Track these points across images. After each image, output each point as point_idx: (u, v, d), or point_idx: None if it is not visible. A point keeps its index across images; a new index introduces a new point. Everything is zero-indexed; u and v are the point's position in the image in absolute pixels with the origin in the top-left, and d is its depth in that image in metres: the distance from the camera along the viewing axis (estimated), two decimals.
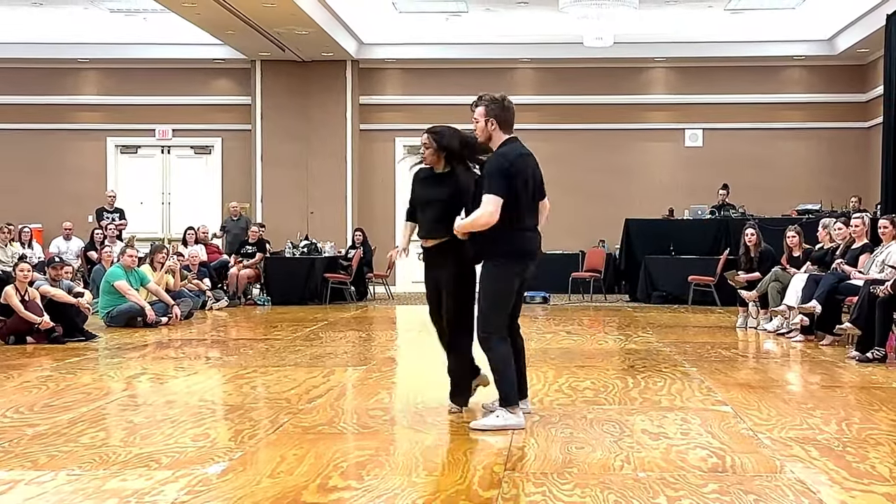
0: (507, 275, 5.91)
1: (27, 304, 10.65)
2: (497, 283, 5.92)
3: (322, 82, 19.41)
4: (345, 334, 11.75)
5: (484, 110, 5.97)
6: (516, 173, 5.85)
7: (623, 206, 18.88)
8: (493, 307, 5.91)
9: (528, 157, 6.00)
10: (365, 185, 19.81)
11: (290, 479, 4.68)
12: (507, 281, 5.93)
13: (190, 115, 19.93)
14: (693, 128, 19.71)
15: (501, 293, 5.93)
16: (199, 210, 19.59)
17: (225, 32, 17.15)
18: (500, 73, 19.46)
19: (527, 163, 5.95)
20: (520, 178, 5.85)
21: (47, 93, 19.96)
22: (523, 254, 5.95)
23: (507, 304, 5.97)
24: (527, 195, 5.91)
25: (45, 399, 7.00)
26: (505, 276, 5.91)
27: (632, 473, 4.78)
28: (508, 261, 5.90)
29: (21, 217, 18.53)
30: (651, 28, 18.19)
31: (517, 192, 5.83)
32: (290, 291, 16.61)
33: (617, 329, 12.35)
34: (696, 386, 7.57)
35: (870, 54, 18.45)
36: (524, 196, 5.89)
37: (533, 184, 5.96)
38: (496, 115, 5.96)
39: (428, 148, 6.32)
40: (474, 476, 4.74)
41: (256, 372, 8.44)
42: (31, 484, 4.62)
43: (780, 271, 11.67)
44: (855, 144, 19.31)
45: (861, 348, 9.03)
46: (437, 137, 6.27)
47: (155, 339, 11.26)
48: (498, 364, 5.91)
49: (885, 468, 4.89)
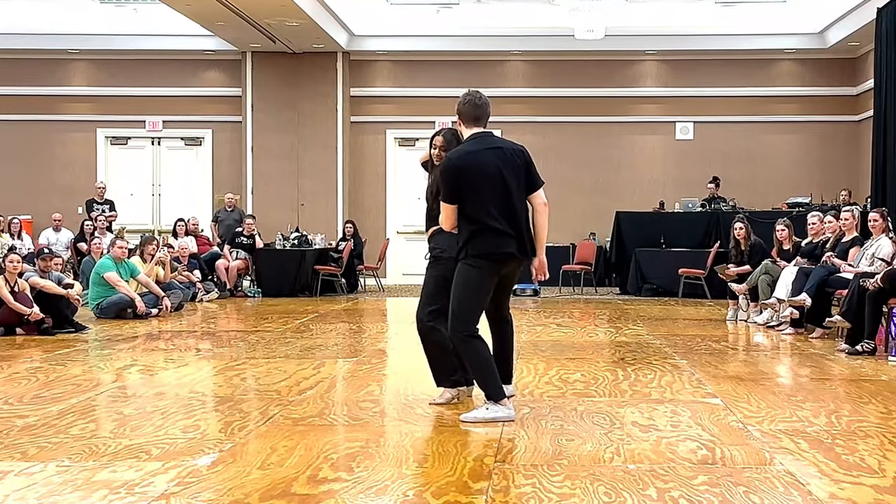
0: (474, 275, 5.77)
1: (17, 295, 10.62)
2: (464, 285, 5.79)
3: (313, 74, 19.38)
4: (335, 326, 11.74)
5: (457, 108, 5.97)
6: (460, 172, 5.72)
7: (614, 198, 18.93)
8: (462, 308, 5.78)
9: (484, 153, 5.79)
10: (356, 178, 19.79)
11: (280, 470, 4.68)
12: (475, 281, 5.77)
13: (180, 106, 19.89)
14: (684, 121, 19.72)
15: (470, 293, 5.79)
16: (189, 202, 19.57)
17: (215, 24, 17.11)
18: (491, 66, 19.47)
19: (477, 159, 5.76)
20: (468, 177, 5.70)
21: (37, 84, 19.91)
22: (487, 255, 5.75)
23: (475, 306, 5.82)
24: (488, 192, 5.72)
25: (35, 390, 6.98)
26: (472, 277, 5.77)
27: (622, 465, 4.79)
28: (475, 261, 5.76)
29: (10, 208, 18.50)
30: (642, 21, 18.21)
31: (470, 191, 5.71)
32: (281, 283, 16.60)
33: (607, 322, 12.36)
34: (686, 378, 7.58)
35: (860, 48, 18.49)
36: (483, 193, 5.71)
37: (495, 179, 5.74)
38: (459, 109, 5.94)
39: (443, 150, 6.26)
40: (464, 468, 4.74)
41: (246, 364, 8.43)
42: (20, 475, 4.60)
43: (770, 264, 11.70)
44: (845, 138, 19.35)
45: (850, 341, 9.05)
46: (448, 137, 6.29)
47: (145, 330, 11.24)
48: (472, 365, 5.89)
49: (873, 460, 4.91)
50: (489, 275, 5.82)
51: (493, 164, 5.79)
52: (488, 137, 5.94)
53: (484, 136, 5.92)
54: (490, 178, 5.76)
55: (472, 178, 5.73)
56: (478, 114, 5.92)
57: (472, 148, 5.84)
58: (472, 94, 5.96)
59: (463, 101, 5.94)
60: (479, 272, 5.79)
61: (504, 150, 5.90)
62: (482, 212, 5.73)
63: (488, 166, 5.77)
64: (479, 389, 6.25)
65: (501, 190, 5.78)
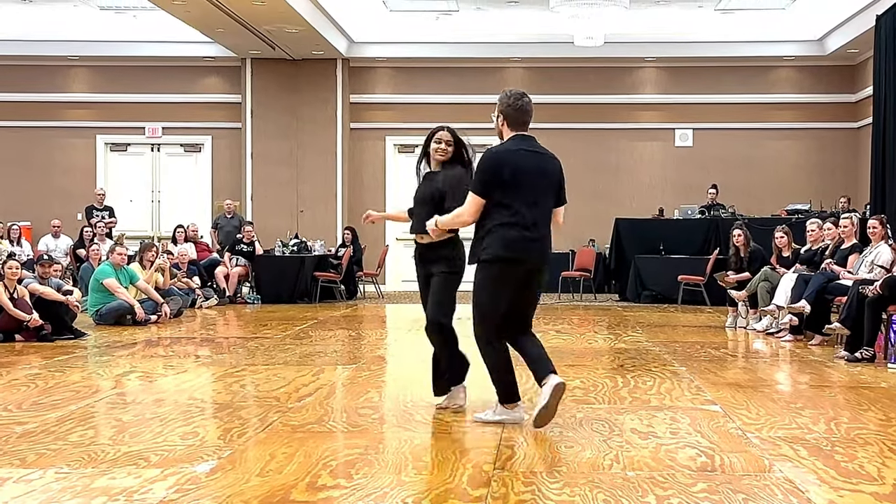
0: (493, 279, 5.69)
1: (16, 301, 10.62)
2: (483, 289, 5.74)
3: (312, 81, 19.39)
4: (334, 333, 11.73)
5: (497, 104, 5.83)
6: (501, 167, 5.61)
7: (613, 205, 18.92)
8: (485, 309, 5.75)
9: (527, 154, 5.72)
10: (355, 184, 19.80)
11: (279, 477, 4.68)
12: (495, 286, 5.70)
13: (180, 112, 19.90)
14: (683, 127, 19.74)
15: (488, 298, 5.74)
16: (188, 208, 19.58)
17: (215, 30, 17.12)
18: (491, 73, 19.47)
19: (520, 158, 5.67)
20: (509, 173, 5.60)
21: (37, 90, 19.90)
22: (511, 256, 5.63)
23: (494, 310, 5.73)
24: (524, 192, 5.63)
25: (34, 397, 6.98)
26: (491, 281, 5.70)
27: (621, 472, 4.79)
28: (493, 264, 5.66)
29: (10, 214, 18.48)
30: (641, 28, 18.22)
31: (505, 188, 5.60)
32: (280, 290, 16.60)
33: (606, 328, 12.36)
34: (685, 385, 7.58)
35: (859, 55, 18.50)
36: (519, 193, 5.62)
37: (533, 182, 5.67)
38: (503, 110, 5.80)
39: (449, 144, 6.20)
40: (464, 474, 4.74)
41: (246, 370, 8.43)
42: (19, 482, 4.60)
43: (769, 271, 11.70)
44: (844, 144, 19.36)
45: (850, 348, 9.06)
46: (453, 132, 6.23)
47: (144, 337, 11.23)
48: (489, 366, 5.90)
49: (873, 468, 4.90)
50: (512, 276, 5.69)
51: (534, 167, 5.72)
52: (531, 140, 5.82)
53: (527, 138, 5.81)
54: (529, 179, 5.68)
55: (512, 176, 5.62)
56: (525, 119, 5.81)
57: (516, 147, 5.74)
58: (521, 100, 5.80)
59: (509, 103, 5.78)
60: (501, 273, 5.67)
61: (545, 157, 5.83)
62: (515, 211, 5.63)
63: (529, 168, 5.69)
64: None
65: (536, 194, 5.71)
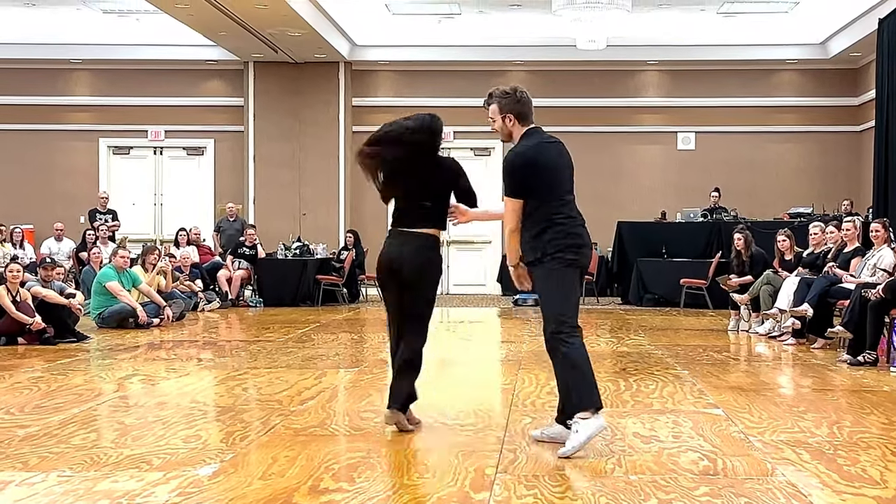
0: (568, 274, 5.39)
1: (18, 304, 10.63)
2: (559, 287, 5.37)
3: (315, 84, 19.40)
4: (337, 336, 11.73)
5: (498, 107, 5.66)
6: (532, 165, 5.49)
7: (615, 208, 18.89)
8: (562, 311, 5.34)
9: (551, 146, 5.64)
10: (357, 187, 19.75)
11: (281, 480, 4.68)
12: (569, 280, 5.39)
13: (182, 116, 19.92)
14: (685, 131, 19.74)
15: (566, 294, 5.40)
16: (191, 211, 19.58)
17: (217, 34, 17.14)
18: (493, 76, 19.38)
19: (548, 151, 5.59)
20: (539, 169, 5.49)
21: (40, 93, 19.93)
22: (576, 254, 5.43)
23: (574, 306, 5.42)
24: (557, 185, 5.54)
25: (37, 400, 6.98)
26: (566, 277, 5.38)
27: (623, 476, 4.78)
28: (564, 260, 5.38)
29: (12, 217, 18.49)
30: (644, 31, 18.21)
31: (539, 184, 5.47)
32: (283, 293, 16.60)
33: (609, 332, 12.35)
34: (687, 389, 7.58)
35: (862, 58, 18.50)
36: (552, 187, 5.51)
37: (562, 172, 5.61)
38: (510, 109, 5.66)
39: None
40: (466, 478, 4.73)
41: (248, 373, 8.43)
42: (21, 485, 4.60)
43: (771, 275, 11.69)
44: (847, 148, 19.36)
45: (852, 352, 9.04)
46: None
47: (146, 340, 11.24)
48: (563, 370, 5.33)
49: (875, 471, 4.90)
50: (578, 272, 5.49)
51: (559, 156, 5.64)
52: (541, 130, 5.73)
53: (538, 129, 5.73)
54: (560, 171, 5.60)
55: (540, 171, 5.52)
56: (531, 109, 5.73)
57: (536, 141, 5.63)
58: (520, 93, 5.70)
59: (514, 100, 5.65)
60: (570, 270, 5.42)
61: (561, 145, 5.74)
62: (562, 205, 5.54)
63: (555, 159, 5.61)
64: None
65: (569, 184, 5.66)
